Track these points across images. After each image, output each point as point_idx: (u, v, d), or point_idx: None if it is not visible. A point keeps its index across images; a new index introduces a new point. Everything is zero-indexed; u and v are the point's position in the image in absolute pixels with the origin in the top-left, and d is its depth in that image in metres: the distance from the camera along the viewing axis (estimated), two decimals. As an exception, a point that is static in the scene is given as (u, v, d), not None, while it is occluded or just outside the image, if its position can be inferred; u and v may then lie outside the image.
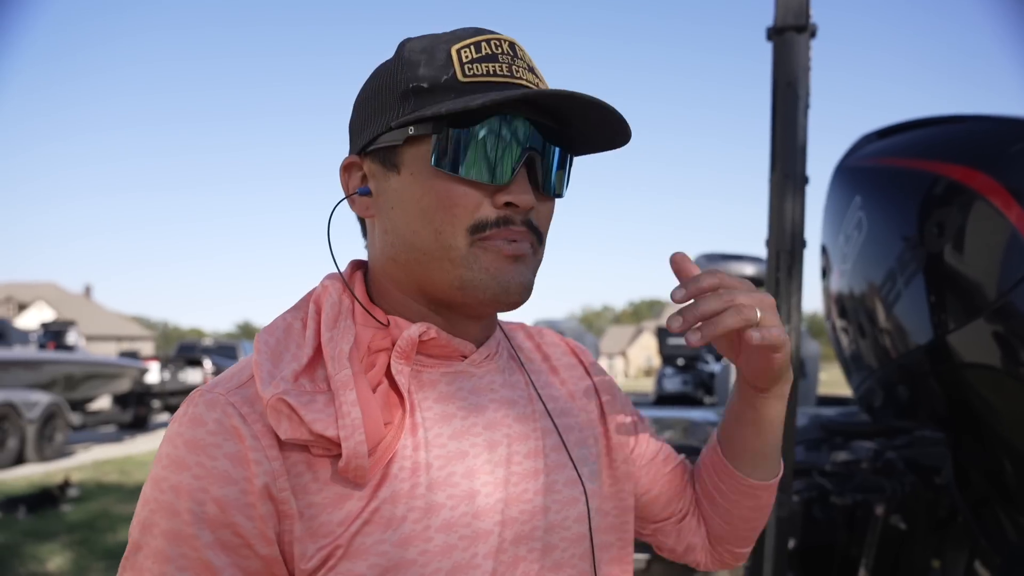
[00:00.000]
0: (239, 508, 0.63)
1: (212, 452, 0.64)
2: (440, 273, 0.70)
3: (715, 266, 4.25)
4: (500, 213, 0.69)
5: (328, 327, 0.70)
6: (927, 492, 2.19)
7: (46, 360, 9.89)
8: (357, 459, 0.64)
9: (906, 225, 2.18)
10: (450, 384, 0.74)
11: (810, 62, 2.08)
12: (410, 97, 0.69)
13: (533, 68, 0.72)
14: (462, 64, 0.68)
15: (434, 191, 0.69)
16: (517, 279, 0.70)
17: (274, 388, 0.64)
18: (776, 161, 2.10)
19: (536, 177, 0.70)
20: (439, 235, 0.69)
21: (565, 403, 0.84)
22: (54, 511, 6.40)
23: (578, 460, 0.79)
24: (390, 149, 0.71)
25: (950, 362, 1.96)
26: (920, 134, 2.32)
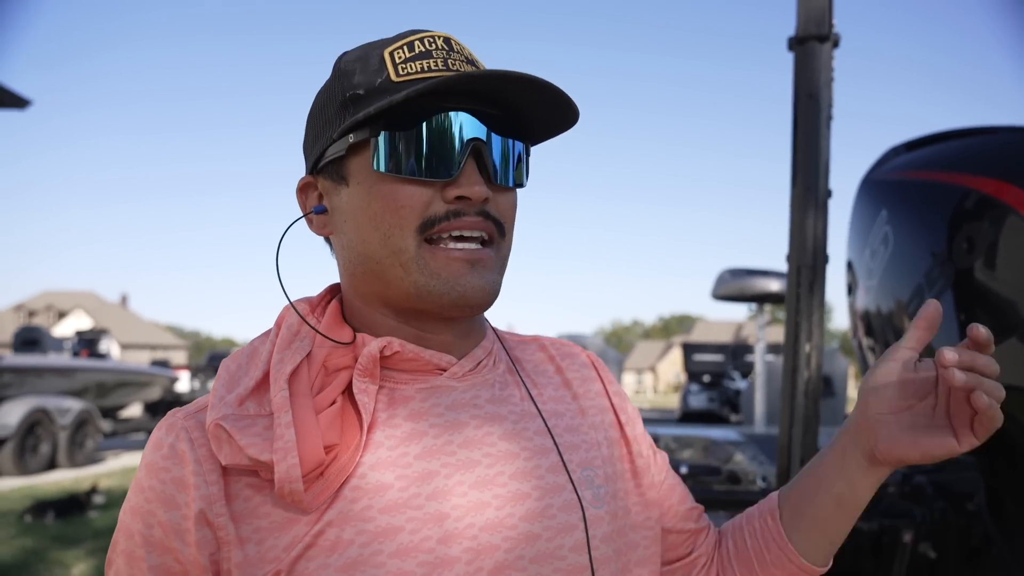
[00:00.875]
0: (178, 533, 0.63)
1: (162, 476, 0.65)
2: (395, 281, 0.68)
3: (739, 281, 4.17)
4: (450, 207, 0.67)
5: (280, 349, 0.68)
6: (958, 519, 2.09)
7: (79, 368, 10.10)
8: (290, 483, 0.61)
9: (934, 240, 2.10)
10: (425, 400, 0.70)
11: (833, 72, 2.03)
12: (348, 106, 0.68)
13: (473, 60, 0.70)
14: (395, 65, 0.67)
15: (380, 195, 0.67)
16: (475, 283, 0.67)
17: (216, 413, 0.64)
18: (797, 175, 2.05)
19: (486, 167, 0.68)
20: (388, 239, 0.67)
21: (573, 419, 0.77)
22: (81, 517, 6.49)
23: (581, 481, 0.72)
24: (337, 162, 0.70)
25: (981, 383, 1.88)
26: (949, 146, 2.24)
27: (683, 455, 2.87)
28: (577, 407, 0.79)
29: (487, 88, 0.67)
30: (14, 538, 5.67)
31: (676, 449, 2.90)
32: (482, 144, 0.68)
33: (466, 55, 0.70)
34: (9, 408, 8.52)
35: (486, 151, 0.68)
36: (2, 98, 6.31)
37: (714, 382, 9.58)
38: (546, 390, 0.78)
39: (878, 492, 2.34)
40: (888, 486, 2.26)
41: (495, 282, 0.69)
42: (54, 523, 6.19)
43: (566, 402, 0.78)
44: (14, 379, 8.82)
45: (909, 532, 2.09)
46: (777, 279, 3.88)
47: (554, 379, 0.80)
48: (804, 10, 1.99)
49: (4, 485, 7.96)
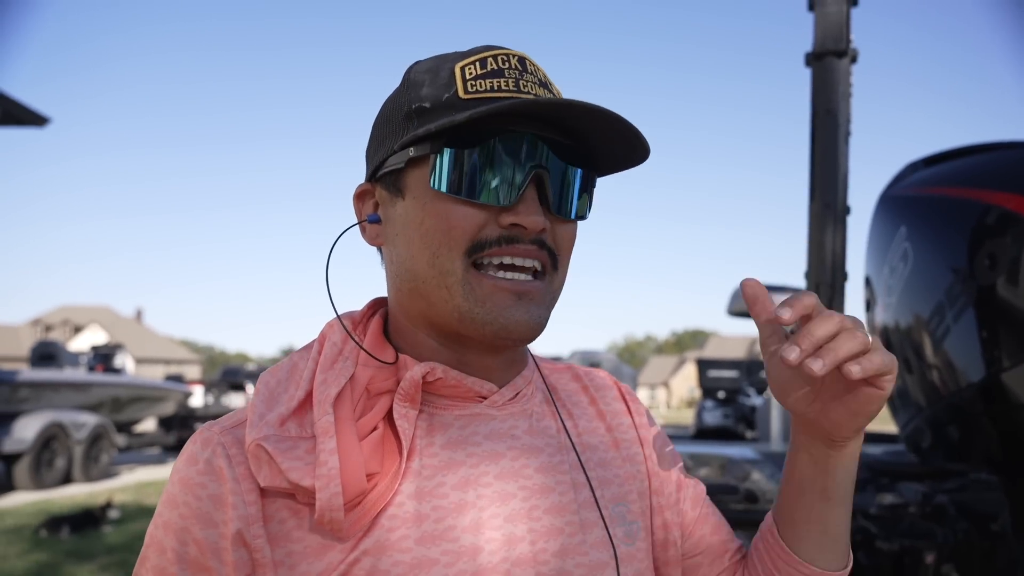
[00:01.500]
0: (214, 552, 0.62)
1: (198, 492, 0.63)
2: (440, 303, 0.66)
3: (755, 297, 4.13)
4: (504, 232, 0.65)
5: (324, 369, 0.67)
6: (982, 540, 2.05)
7: (94, 382, 10.16)
8: (331, 511, 0.60)
9: (955, 256, 2.08)
10: (463, 428, 0.68)
11: (851, 88, 2.03)
12: (413, 118, 0.66)
13: (547, 83, 0.68)
14: (465, 81, 0.65)
15: (434, 213, 0.65)
16: (520, 316, 0.65)
17: (256, 433, 0.62)
18: (816, 191, 2.04)
19: (547, 196, 0.65)
20: (436, 259, 0.65)
21: (606, 453, 0.76)
22: (96, 532, 6.51)
23: (613, 518, 0.71)
24: (396, 173, 0.68)
25: (1005, 402, 1.85)
26: (968, 162, 2.23)
27: (700, 473, 2.84)
28: (611, 439, 0.77)
29: (556, 115, 0.65)
30: (29, 553, 5.69)
31: (692, 467, 2.87)
32: (544, 172, 0.65)
33: (540, 77, 0.68)
34: (25, 423, 8.58)
35: (548, 179, 0.65)
36: (22, 116, 6.42)
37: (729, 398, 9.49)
38: (580, 421, 0.77)
39: (899, 511, 2.30)
40: (909, 506, 2.22)
41: (541, 317, 0.66)
42: (69, 538, 6.21)
43: (599, 434, 0.77)
44: (31, 393, 8.89)
45: (931, 553, 2.05)
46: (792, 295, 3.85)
47: (588, 410, 0.79)
48: (821, 26, 1.98)
49: (20, 499, 8.00)
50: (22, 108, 6.24)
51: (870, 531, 2.22)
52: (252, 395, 0.67)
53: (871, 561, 2.22)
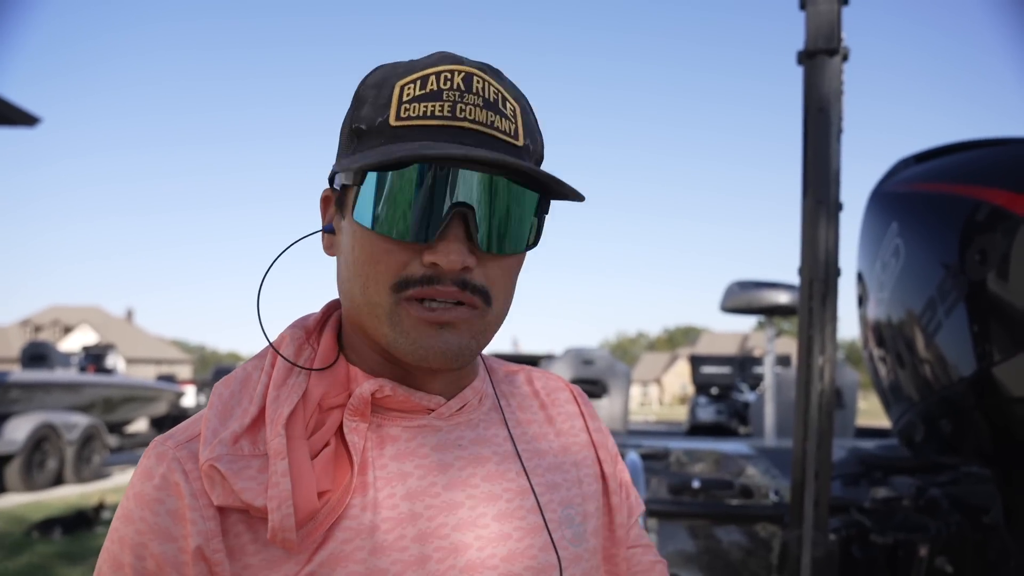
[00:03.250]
0: (174, 567, 0.62)
1: (155, 508, 0.63)
2: (371, 328, 0.66)
3: (747, 294, 4.17)
4: (426, 272, 0.63)
5: (276, 385, 0.66)
6: (975, 533, 2.08)
7: (86, 383, 10.11)
8: (284, 532, 0.61)
9: (946, 252, 2.10)
10: (411, 440, 0.69)
11: (843, 86, 2.04)
12: (353, 139, 0.66)
13: (494, 103, 0.65)
14: (400, 103, 0.63)
15: (362, 245, 0.65)
16: (439, 347, 0.64)
17: (209, 452, 0.63)
18: (808, 188, 2.05)
19: (471, 233, 0.63)
20: (365, 290, 0.65)
21: (555, 458, 0.77)
22: (88, 533, 6.48)
23: (560, 521, 0.72)
24: (342, 190, 0.67)
25: (996, 395, 1.87)
26: (960, 158, 2.25)
27: (695, 469, 2.86)
28: (560, 444, 0.78)
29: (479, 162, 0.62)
30: (21, 554, 5.67)
31: (687, 463, 2.89)
32: (468, 210, 0.62)
33: (486, 96, 0.65)
34: (16, 424, 8.53)
35: (473, 216, 0.62)
36: (12, 116, 6.38)
37: (722, 394, 9.53)
38: (530, 427, 0.77)
39: (893, 505, 2.32)
40: (903, 499, 2.24)
41: (465, 347, 0.65)
42: (61, 539, 6.18)
43: (548, 439, 0.78)
44: (22, 395, 8.83)
45: (925, 546, 2.08)
46: (786, 291, 3.87)
47: (538, 415, 0.79)
48: (813, 24, 2.00)
49: (11, 501, 7.95)
50: (12, 108, 6.20)
51: (864, 525, 2.24)
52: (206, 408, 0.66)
53: (865, 554, 2.25)
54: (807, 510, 1.95)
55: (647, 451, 2.91)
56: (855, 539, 2.26)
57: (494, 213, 0.64)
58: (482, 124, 0.64)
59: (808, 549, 1.93)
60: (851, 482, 2.50)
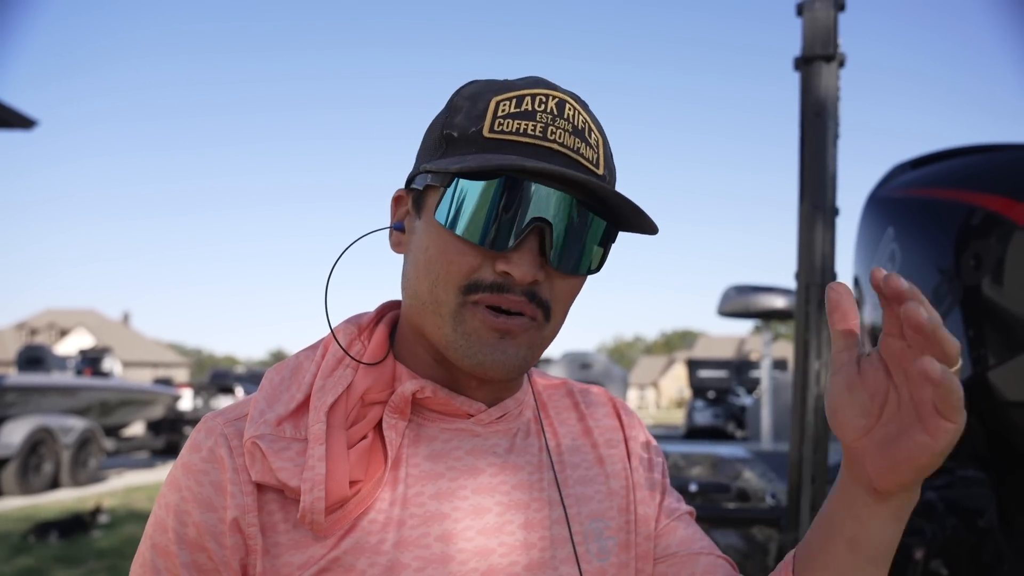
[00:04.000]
0: (213, 535, 0.65)
1: (200, 478, 0.67)
2: (432, 327, 0.68)
3: (744, 298, 4.18)
4: (496, 279, 0.65)
5: (324, 375, 0.70)
6: (970, 536, 2.09)
7: (82, 386, 10.09)
8: (313, 514, 0.64)
9: (941, 257, 2.12)
10: (447, 442, 0.71)
11: (839, 91, 2.06)
12: (441, 144, 0.68)
13: (581, 130, 0.67)
14: (494, 118, 0.66)
15: (438, 244, 0.67)
16: (498, 357, 0.66)
17: (254, 430, 0.66)
18: (805, 193, 2.07)
19: (545, 250, 0.65)
20: (434, 287, 0.67)
21: (588, 470, 0.77)
22: (85, 537, 6.46)
23: (589, 534, 0.72)
24: (418, 192, 0.70)
25: (992, 399, 1.88)
26: (955, 163, 2.26)
27: (692, 472, 2.87)
28: (595, 456, 0.79)
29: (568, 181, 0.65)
30: (17, 558, 5.65)
31: (684, 467, 2.90)
32: (546, 226, 0.65)
33: (576, 124, 0.67)
34: (12, 427, 8.51)
35: (549, 233, 0.65)
36: (9, 119, 6.37)
37: (719, 398, 9.55)
38: (565, 439, 0.78)
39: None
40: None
41: (523, 359, 0.67)
42: (57, 543, 6.16)
43: (583, 452, 0.78)
44: (18, 398, 8.81)
45: (920, 549, 2.09)
46: (782, 296, 3.88)
47: (575, 427, 0.80)
48: (809, 30, 2.01)
49: (7, 505, 7.93)
50: (9, 111, 6.20)
51: (860, 528, 2.25)
52: (258, 388, 0.70)
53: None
54: (804, 514, 1.96)
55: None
56: (851, 542, 2.27)
57: (568, 233, 0.66)
58: (569, 148, 0.66)
59: (805, 552, 1.94)
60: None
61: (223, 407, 0.72)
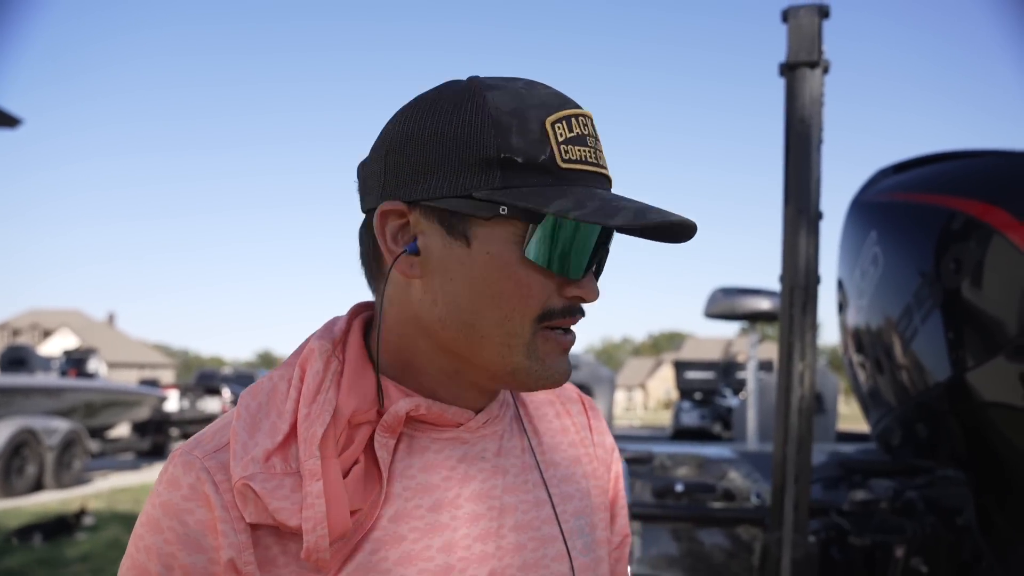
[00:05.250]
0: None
1: (184, 518, 0.64)
2: (494, 356, 0.67)
3: (730, 300, 4.21)
4: (566, 304, 0.68)
5: (307, 402, 0.66)
6: (948, 534, 2.13)
7: (67, 387, 10.00)
8: (318, 552, 0.62)
9: (923, 261, 2.16)
10: (438, 452, 0.71)
11: (823, 97, 2.09)
12: (496, 168, 0.63)
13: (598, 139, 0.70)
14: (559, 144, 0.63)
15: (514, 278, 0.65)
16: (564, 367, 0.70)
17: (242, 469, 0.63)
18: (789, 197, 2.10)
19: (600, 270, 0.71)
20: (506, 321, 0.66)
21: (568, 468, 0.79)
22: (69, 539, 6.41)
23: (573, 531, 0.75)
24: (459, 215, 0.65)
25: (970, 401, 1.92)
26: (936, 169, 2.31)
27: (678, 473, 2.90)
28: (573, 455, 0.81)
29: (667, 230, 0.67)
30: (0, 561, 5.60)
31: (671, 467, 2.92)
32: (606, 252, 0.70)
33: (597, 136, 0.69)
34: (-5, 429, 8.43)
35: (604, 255, 0.70)
36: (-6, 117, 6.31)
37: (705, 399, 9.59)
38: (545, 437, 0.80)
39: (871, 507, 2.36)
40: (880, 502, 2.29)
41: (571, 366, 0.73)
42: (41, 546, 6.11)
43: (562, 449, 0.80)
44: (1, 399, 8.73)
45: (901, 547, 2.12)
46: (767, 298, 3.92)
47: (553, 424, 0.82)
48: (794, 37, 2.05)
49: (-10, 507, 7.85)
50: (-7, 109, 6.14)
51: (843, 527, 2.28)
52: (233, 418, 0.67)
53: (844, 556, 2.29)
54: (787, 513, 1.99)
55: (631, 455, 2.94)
56: (834, 541, 2.30)
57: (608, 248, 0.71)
58: (606, 168, 0.68)
59: (788, 551, 1.97)
60: (831, 485, 2.55)
61: (197, 436, 0.69)
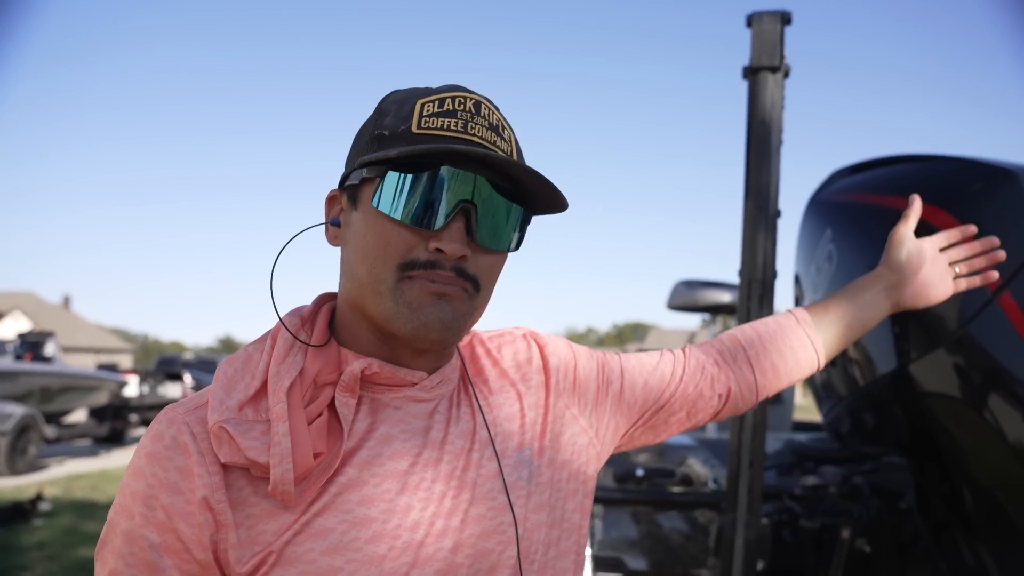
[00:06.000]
0: (182, 516, 0.71)
1: (165, 464, 0.72)
2: (372, 305, 0.76)
3: (692, 292, 4.34)
4: (430, 257, 0.75)
5: (277, 362, 0.76)
6: (891, 517, 2.25)
7: (22, 371, 9.77)
8: (283, 485, 0.71)
9: (874, 259, 2.25)
10: (398, 409, 0.80)
11: (783, 100, 2.18)
12: (374, 143, 0.76)
13: (497, 126, 0.77)
14: (421, 117, 0.75)
15: (375, 229, 0.75)
16: (436, 315, 0.74)
17: (218, 416, 0.72)
18: (749, 194, 2.18)
19: (471, 228, 0.75)
20: (373, 268, 0.75)
21: (511, 408, 0.87)
22: (25, 526, 6.31)
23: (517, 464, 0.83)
24: (355, 187, 0.78)
25: (912, 391, 2.04)
26: (888, 171, 2.41)
27: (639, 459, 2.99)
28: (515, 393, 0.89)
29: (487, 162, 0.74)
30: (-45, 547, 5.49)
31: (632, 453, 3.02)
32: (471, 207, 0.74)
33: (492, 120, 0.77)
34: (-53, 413, 8.21)
35: (474, 213, 0.75)
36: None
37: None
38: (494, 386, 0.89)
39: (820, 492, 2.46)
40: (829, 487, 2.41)
41: (459, 319, 0.76)
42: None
43: (505, 393, 0.89)
44: (-48, 383, 8.50)
45: (847, 529, 2.24)
46: (728, 291, 4.04)
47: (492, 372, 0.90)
48: (757, 42, 2.13)
49: (-59, 493, 7.66)
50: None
51: (795, 511, 2.40)
52: (212, 381, 0.77)
53: (795, 538, 2.41)
54: (741, 496, 2.09)
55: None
56: (786, 524, 2.42)
57: (489, 214, 0.76)
58: (487, 141, 0.76)
59: (741, 532, 2.07)
60: (784, 472, 2.66)
61: (181, 400, 0.79)
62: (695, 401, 1.02)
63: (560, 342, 0.97)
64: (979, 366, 1.90)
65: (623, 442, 1.00)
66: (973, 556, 2.01)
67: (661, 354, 1.04)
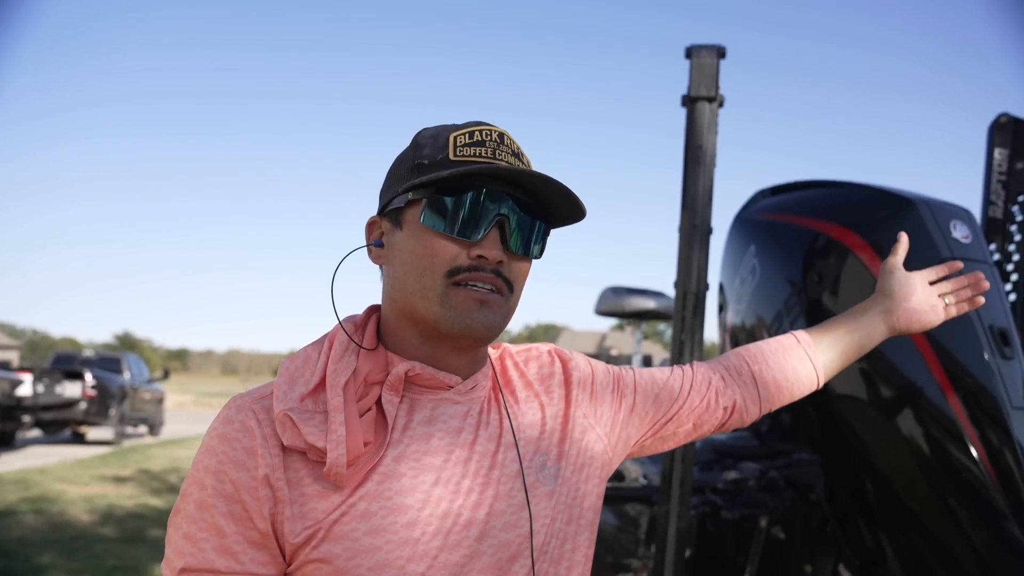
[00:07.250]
0: (247, 489, 0.82)
1: (234, 444, 0.83)
2: (422, 309, 0.87)
3: (619, 299, 4.55)
4: (472, 263, 0.87)
5: (334, 360, 0.88)
6: (803, 507, 2.49)
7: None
8: (337, 467, 0.82)
9: (792, 273, 2.51)
10: (434, 410, 0.90)
11: (717, 127, 2.38)
12: (415, 171, 0.88)
13: (518, 153, 0.90)
14: (455, 147, 0.87)
15: (422, 243, 0.87)
16: (481, 320, 0.87)
17: (283, 405, 0.83)
18: (685, 212, 2.38)
19: (506, 238, 0.88)
20: (422, 277, 0.87)
21: (534, 416, 0.98)
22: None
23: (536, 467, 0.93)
24: (398, 210, 0.90)
25: (824, 393, 2.27)
26: (806, 194, 2.67)
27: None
28: (539, 403, 1.00)
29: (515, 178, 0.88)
30: None
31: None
32: (505, 219, 0.87)
33: (514, 148, 0.90)
34: None
35: (508, 225, 0.88)
36: None
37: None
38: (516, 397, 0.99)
39: (740, 486, 2.69)
40: (748, 480, 2.63)
41: (497, 322, 0.89)
42: None
43: (530, 402, 0.99)
44: None
45: (764, 518, 2.46)
46: (653, 298, 4.27)
47: (520, 382, 1.01)
48: (696, 74, 2.32)
49: None
50: None
51: (717, 504, 2.61)
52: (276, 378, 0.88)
53: (717, 528, 2.62)
54: (674, 489, 2.28)
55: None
56: (709, 515, 2.62)
57: (519, 226, 0.90)
58: (502, 161, 0.88)
59: (674, 522, 2.25)
60: (707, 467, 2.87)
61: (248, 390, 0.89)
62: (701, 414, 1.12)
63: (580, 358, 1.08)
64: (880, 371, 2.16)
65: (634, 450, 1.10)
66: (873, 540, 2.27)
67: (671, 369, 1.16)
